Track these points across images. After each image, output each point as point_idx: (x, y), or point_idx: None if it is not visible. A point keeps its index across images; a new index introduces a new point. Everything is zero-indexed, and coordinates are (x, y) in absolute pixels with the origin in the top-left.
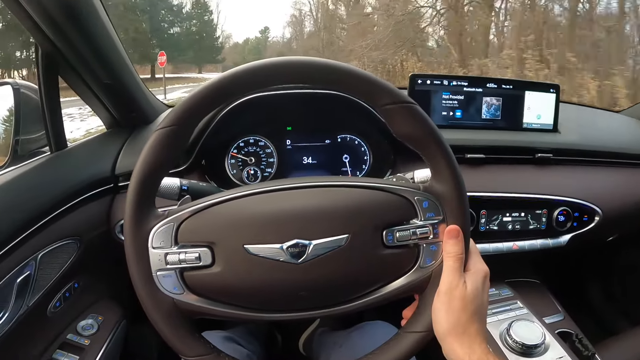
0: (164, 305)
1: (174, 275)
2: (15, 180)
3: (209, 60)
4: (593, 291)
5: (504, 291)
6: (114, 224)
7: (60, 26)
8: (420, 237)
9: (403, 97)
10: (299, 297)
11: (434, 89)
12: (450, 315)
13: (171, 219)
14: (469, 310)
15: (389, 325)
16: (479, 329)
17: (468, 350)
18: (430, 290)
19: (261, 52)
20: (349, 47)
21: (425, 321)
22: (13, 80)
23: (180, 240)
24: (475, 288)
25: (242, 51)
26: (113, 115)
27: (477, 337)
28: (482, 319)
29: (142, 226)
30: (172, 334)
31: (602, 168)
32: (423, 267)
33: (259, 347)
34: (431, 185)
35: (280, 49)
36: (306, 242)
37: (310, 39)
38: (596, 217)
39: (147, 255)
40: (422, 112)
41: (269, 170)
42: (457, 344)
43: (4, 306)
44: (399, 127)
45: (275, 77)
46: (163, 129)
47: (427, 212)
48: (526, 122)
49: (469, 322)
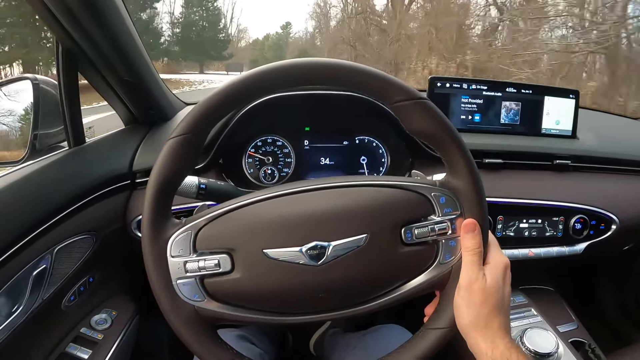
0: (185, 312)
1: (194, 282)
2: (34, 175)
3: (213, 57)
4: (607, 300)
5: (518, 298)
6: (130, 220)
7: (80, 22)
8: (439, 233)
9: (415, 93)
10: (320, 299)
11: (453, 92)
12: (471, 309)
13: (189, 227)
14: (489, 303)
15: (402, 329)
16: (501, 323)
17: (491, 344)
18: (450, 285)
19: (282, 48)
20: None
21: (447, 317)
22: (32, 76)
23: (198, 248)
24: (496, 281)
25: (261, 48)
26: (131, 111)
27: (500, 330)
28: (505, 312)
29: (160, 236)
30: (194, 341)
31: (620, 176)
32: (443, 263)
33: (271, 347)
34: (447, 181)
35: (303, 45)
36: (325, 243)
37: (337, 31)
38: (613, 226)
39: (166, 264)
40: (435, 107)
41: (286, 170)
42: (480, 338)
43: (19, 299)
44: (412, 123)
45: (285, 80)
46: (176, 138)
47: (444, 207)
48: (545, 128)
49: (490, 316)
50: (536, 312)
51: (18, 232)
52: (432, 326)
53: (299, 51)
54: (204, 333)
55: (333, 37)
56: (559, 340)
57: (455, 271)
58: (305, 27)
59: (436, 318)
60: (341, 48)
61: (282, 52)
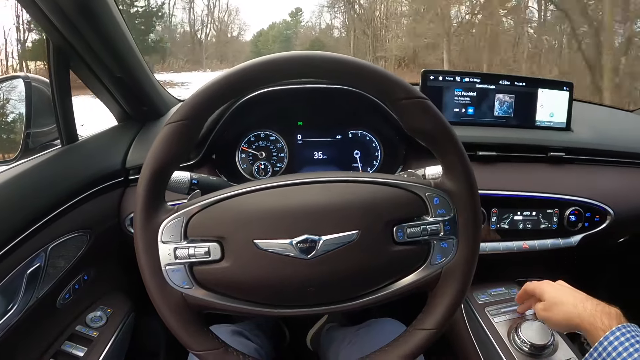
0: (173, 299)
1: (183, 269)
2: (27, 174)
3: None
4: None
5: (514, 291)
6: (124, 217)
7: (71, 20)
8: (431, 234)
9: (416, 92)
10: (308, 293)
11: (446, 85)
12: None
13: (181, 214)
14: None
15: (397, 323)
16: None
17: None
18: (441, 288)
19: (290, 39)
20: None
21: (434, 318)
22: (24, 74)
23: (189, 235)
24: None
25: (265, 39)
26: (124, 108)
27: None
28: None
29: (151, 220)
30: (181, 328)
31: (615, 168)
32: (433, 264)
33: (266, 342)
34: (442, 182)
35: (318, 35)
36: (316, 237)
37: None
38: (608, 218)
39: (156, 249)
40: (434, 108)
41: (279, 165)
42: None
43: (14, 297)
44: (411, 122)
45: (285, 72)
46: (173, 124)
47: (437, 208)
48: (539, 120)
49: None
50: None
51: (12, 231)
52: (418, 327)
53: (310, 42)
54: (191, 321)
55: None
56: (554, 333)
57: (446, 273)
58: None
59: (423, 319)
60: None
61: (290, 43)
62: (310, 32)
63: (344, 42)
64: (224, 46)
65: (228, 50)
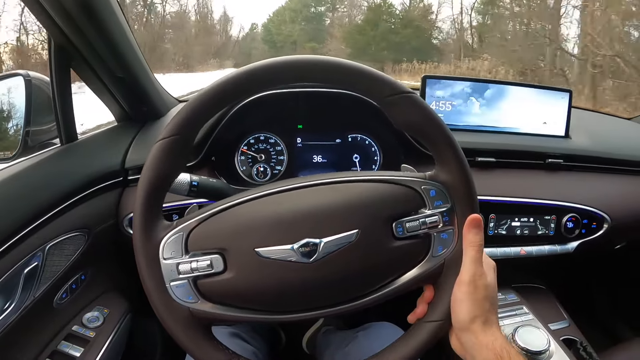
0: (180, 314)
1: (187, 284)
2: (26, 172)
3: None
4: (599, 299)
5: (510, 296)
6: (123, 217)
7: (73, 19)
8: (430, 226)
9: (402, 87)
10: (313, 297)
11: (446, 91)
12: (476, 304)
13: (180, 229)
14: (489, 299)
15: (394, 327)
16: (496, 318)
17: (492, 337)
18: (445, 278)
19: (321, 15)
20: None
21: (441, 310)
22: (25, 72)
23: (190, 249)
24: (492, 278)
25: (251, 41)
26: (124, 108)
27: (497, 324)
28: (497, 309)
29: (151, 238)
30: (191, 342)
31: (613, 175)
32: (435, 256)
33: (263, 344)
34: (436, 174)
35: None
36: (317, 240)
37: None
38: (605, 225)
39: (159, 267)
40: (421, 100)
41: (278, 167)
42: (480, 332)
43: (11, 296)
44: (399, 117)
45: (275, 78)
46: (164, 140)
47: (434, 200)
48: (538, 127)
49: (490, 311)
50: (528, 310)
51: (9, 230)
52: (428, 319)
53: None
54: (200, 335)
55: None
56: (550, 338)
57: (449, 264)
58: None
59: (432, 311)
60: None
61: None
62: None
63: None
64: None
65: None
